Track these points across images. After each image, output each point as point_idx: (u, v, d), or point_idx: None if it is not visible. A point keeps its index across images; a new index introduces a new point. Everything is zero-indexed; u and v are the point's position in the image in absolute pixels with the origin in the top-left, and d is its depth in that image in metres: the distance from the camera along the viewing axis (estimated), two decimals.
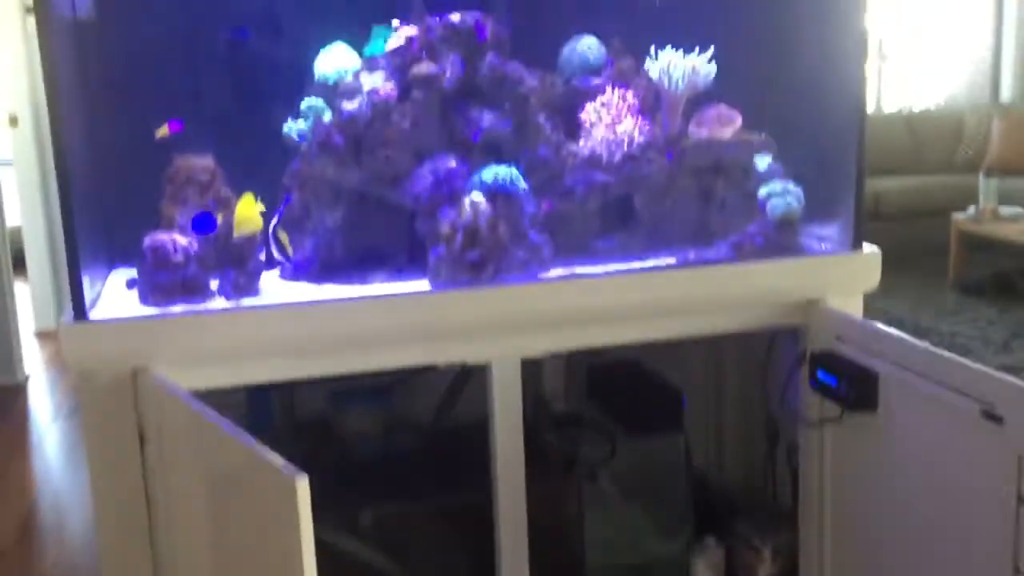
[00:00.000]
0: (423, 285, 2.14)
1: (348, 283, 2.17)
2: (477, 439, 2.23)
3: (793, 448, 2.43)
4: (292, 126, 2.26)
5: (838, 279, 2.29)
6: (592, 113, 2.32)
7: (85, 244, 1.96)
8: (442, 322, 2.10)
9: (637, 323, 2.22)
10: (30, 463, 3.79)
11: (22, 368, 4.61)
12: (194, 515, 1.75)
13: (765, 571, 2.50)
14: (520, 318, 2.14)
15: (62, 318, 1.92)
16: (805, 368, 2.28)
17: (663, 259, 2.28)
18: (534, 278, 2.17)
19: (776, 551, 2.49)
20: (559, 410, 2.78)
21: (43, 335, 5.29)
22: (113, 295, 2.11)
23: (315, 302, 2.05)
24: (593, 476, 2.50)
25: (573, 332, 2.19)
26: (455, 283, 2.11)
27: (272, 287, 2.16)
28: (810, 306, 2.28)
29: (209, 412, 1.61)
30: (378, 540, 2.52)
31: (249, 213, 2.06)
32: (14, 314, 4.59)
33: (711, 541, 2.55)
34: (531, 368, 2.27)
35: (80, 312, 1.90)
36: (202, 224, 2.09)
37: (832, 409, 2.20)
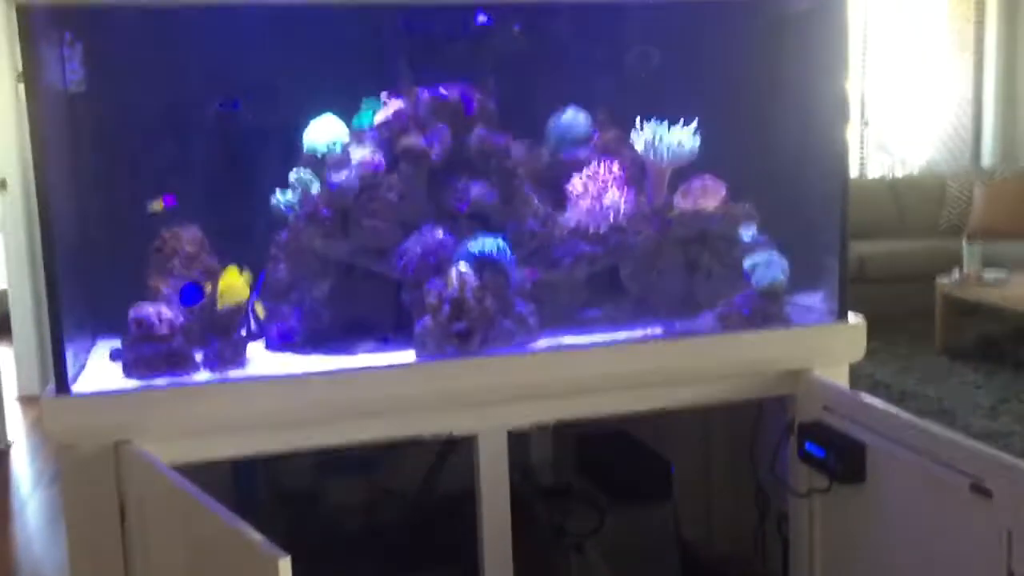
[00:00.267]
0: (409, 356, 2.14)
1: (334, 354, 2.16)
2: (464, 511, 2.20)
3: (783, 518, 2.41)
4: (280, 197, 2.27)
5: (824, 349, 2.30)
6: (578, 184, 2.34)
7: (70, 315, 1.96)
8: (428, 393, 2.09)
9: (624, 394, 2.21)
10: (10, 531, 3.72)
11: (4, 435, 4.55)
12: None
13: None
14: (507, 389, 2.13)
15: (45, 391, 1.91)
16: (793, 439, 2.27)
17: (650, 329, 2.28)
18: (521, 349, 2.17)
19: None
20: (547, 481, 2.76)
21: (26, 400, 5.24)
22: (97, 366, 2.10)
23: (301, 374, 2.05)
24: (581, 547, 2.47)
25: (560, 403, 2.18)
26: (442, 354, 2.10)
27: (258, 358, 2.15)
28: (797, 376, 2.28)
29: (191, 488, 1.59)
30: None
31: (233, 283, 2.06)
32: None
33: None
34: (518, 439, 2.26)
35: (63, 385, 1.89)
36: (189, 295, 2.09)
37: (821, 480, 2.18)
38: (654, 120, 2.38)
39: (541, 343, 2.20)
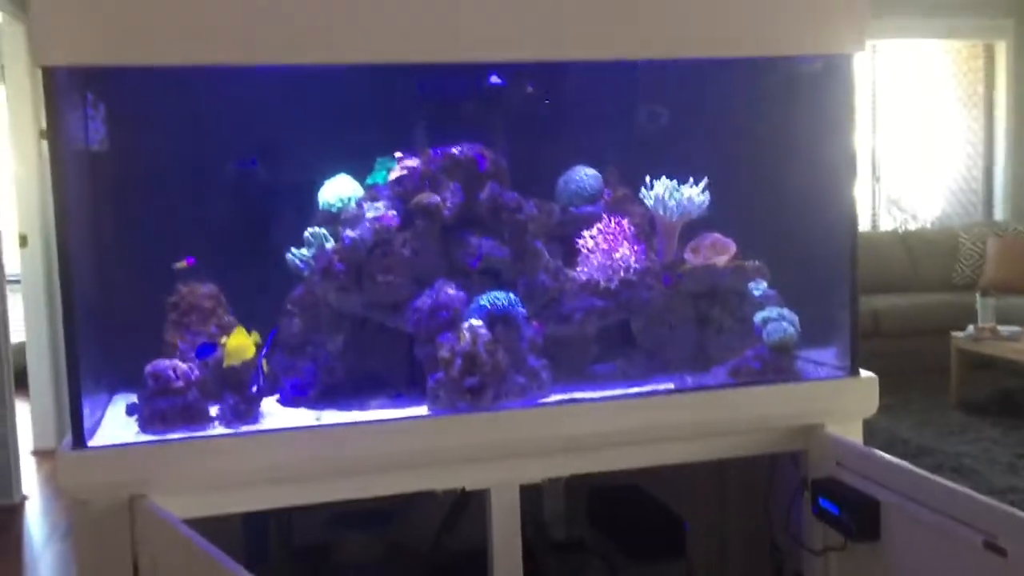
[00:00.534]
0: (422, 411, 2.15)
1: (347, 409, 2.18)
2: (476, 565, 2.20)
3: None
4: (295, 253, 2.31)
5: (837, 405, 2.30)
6: (589, 240, 2.37)
7: (88, 369, 1.98)
8: (441, 448, 2.10)
9: (636, 448, 2.21)
10: None
11: (19, 488, 4.56)
12: None
13: None
14: (519, 443, 2.14)
15: (61, 444, 1.93)
16: (807, 495, 2.26)
17: (661, 384, 2.29)
18: (533, 403, 2.18)
19: None
20: (559, 536, 2.74)
21: (41, 453, 5.25)
22: (114, 421, 2.12)
23: (314, 427, 2.06)
24: None
25: (572, 457, 2.19)
26: (454, 408, 2.12)
27: (272, 413, 2.17)
28: (810, 431, 2.28)
29: (205, 544, 1.60)
30: None
31: (240, 344, 2.08)
32: (14, 434, 4.57)
33: None
34: (530, 493, 2.25)
35: (79, 439, 1.91)
36: (203, 349, 2.13)
37: (836, 537, 2.17)
38: (664, 177, 2.41)
39: (553, 397, 2.21)
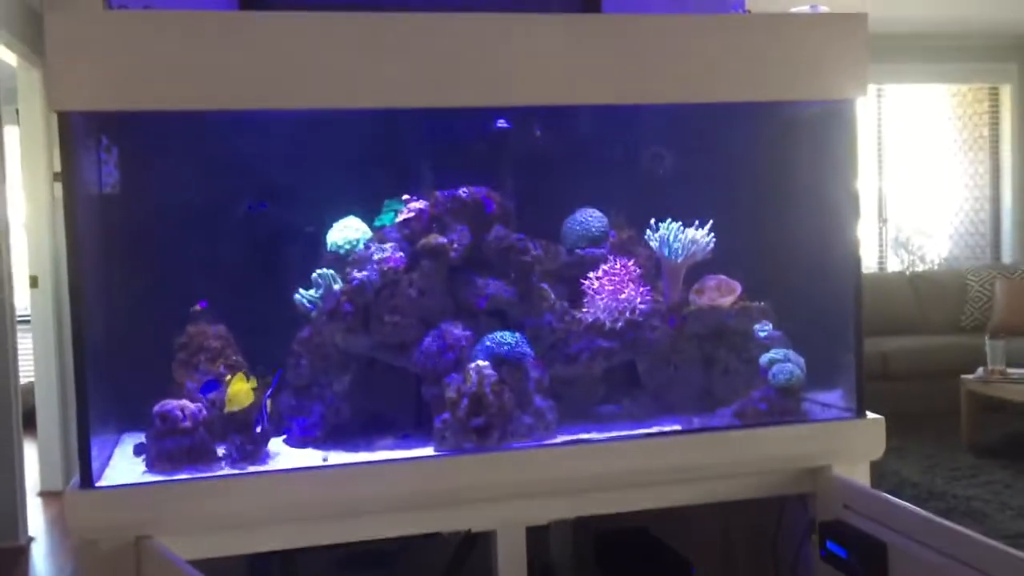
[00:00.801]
0: (428, 451, 2.15)
1: (354, 449, 2.18)
2: None
3: None
4: (303, 294, 2.33)
5: (844, 447, 2.29)
6: (595, 281, 2.38)
7: (97, 410, 2.00)
8: (447, 488, 2.10)
9: (643, 490, 2.21)
10: None
11: (26, 530, 4.55)
12: None
13: None
14: (525, 484, 2.14)
15: (70, 485, 1.93)
16: (815, 538, 2.25)
17: (667, 425, 2.29)
18: (539, 444, 2.18)
19: None
20: None
21: (47, 495, 5.25)
22: (122, 461, 2.13)
23: (320, 468, 2.06)
24: None
25: (578, 499, 2.18)
26: (460, 449, 2.12)
27: (279, 453, 2.17)
28: (817, 473, 2.27)
29: None
30: None
31: (240, 390, 2.10)
32: (21, 475, 4.57)
33: None
34: (537, 535, 2.25)
35: (87, 480, 1.91)
36: (207, 386, 2.15)
37: None
38: (669, 219, 2.43)
39: (559, 438, 2.21)
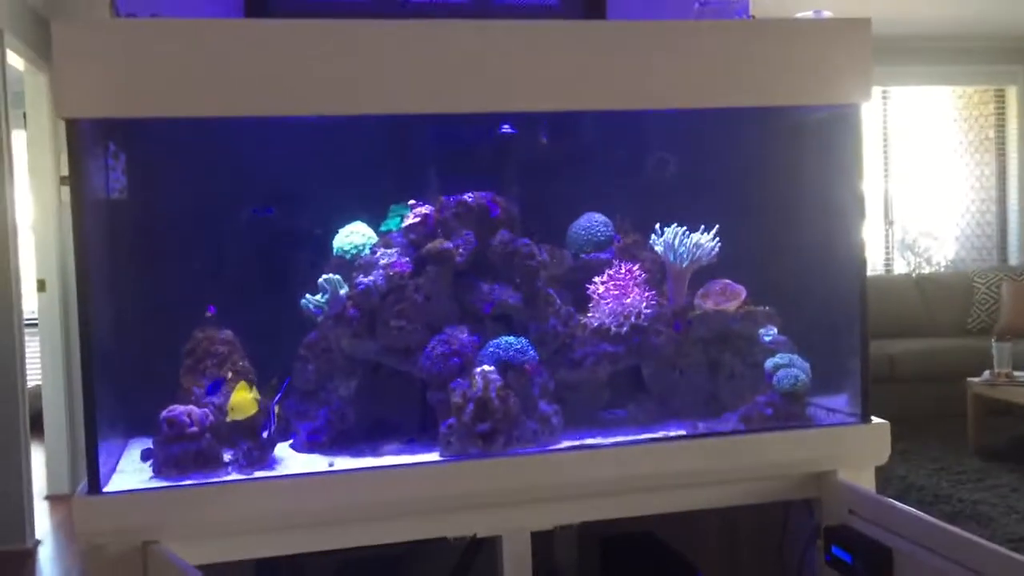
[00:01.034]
0: (434, 456, 2.16)
1: (360, 454, 2.19)
2: None
3: None
4: (310, 299, 2.34)
5: (849, 452, 2.29)
6: (600, 286, 2.39)
7: (105, 415, 2.01)
8: (453, 494, 2.10)
9: (648, 495, 2.21)
10: None
11: (32, 533, 4.57)
12: None
13: None
14: (531, 490, 2.14)
15: (77, 490, 1.94)
16: (820, 543, 2.25)
17: (672, 430, 2.30)
18: (544, 449, 2.18)
19: None
20: None
21: (54, 498, 5.26)
22: (129, 466, 2.14)
23: (327, 473, 2.07)
24: None
25: (584, 504, 2.19)
26: (466, 454, 2.13)
27: (285, 458, 2.18)
28: (822, 479, 2.27)
29: None
30: None
31: (243, 399, 2.10)
32: (28, 480, 4.58)
33: None
34: (542, 540, 2.25)
35: (95, 485, 1.92)
36: (214, 388, 2.16)
37: None
38: (674, 223, 2.44)
39: (564, 443, 2.21)
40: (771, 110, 2.40)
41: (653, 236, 2.46)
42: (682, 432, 2.29)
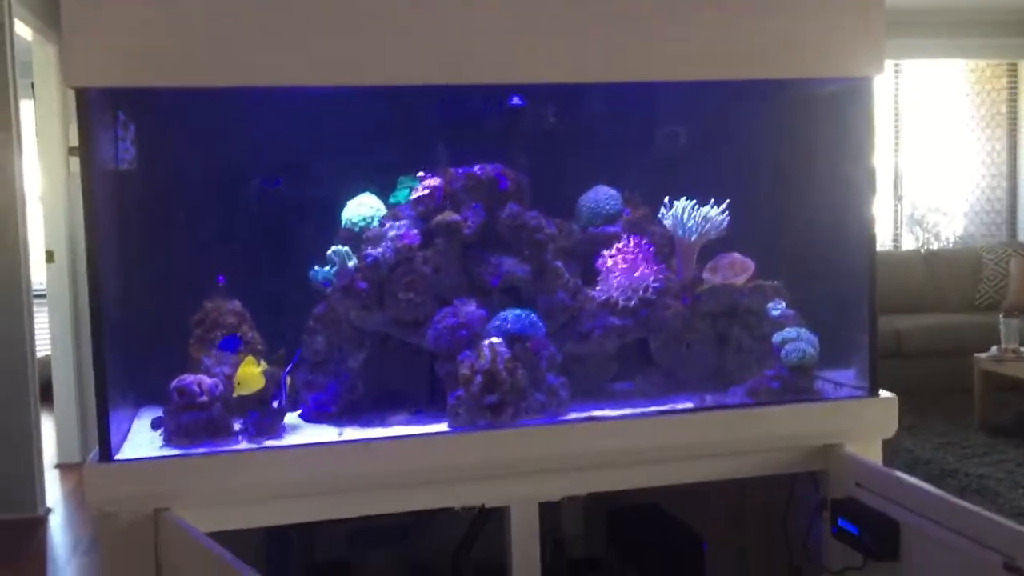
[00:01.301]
0: (442, 427, 2.17)
1: (369, 425, 2.20)
2: None
3: None
4: (318, 271, 2.34)
5: (856, 425, 2.30)
6: (608, 259, 2.38)
7: (115, 384, 2.02)
8: (460, 464, 2.11)
9: (655, 466, 2.22)
10: None
11: (43, 501, 4.61)
12: None
13: None
14: (538, 461, 2.15)
15: (89, 458, 1.96)
16: (826, 515, 2.26)
17: (679, 403, 2.30)
18: (552, 421, 2.19)
19: None
20: (578, 554, 2.75)
21: (64, 467, 5.31)
22: (140, 435, 2.15)
23: (335, 443, 2.08)
24: None
25: (591, 475, 2.20)
26: (474, 426, 2.13)
27: (294, 428, 2.19)
28: (829, 451, 2.28)
29: (228, 556, 1.62)
30: None
31: (250, 374, 2.11)
32: (39, 448, 4.62)
33: None
34: (549, 511, 2.27)
35: (106, 453, 1.94)
36: (228, 343, 2.17)
37: (855, 557, 2.16)
38: (683, 197, 2.43)
39: (572, 415, 2.22)
40: (782, 83, 2.38)
41: (662, 209, 2.46)
42: (689, 405, 2.29)
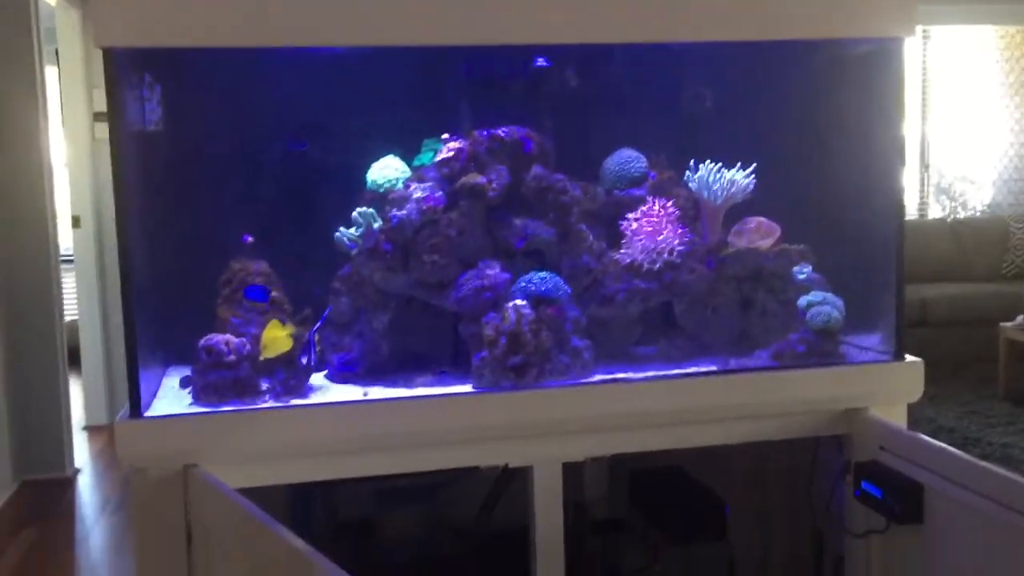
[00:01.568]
0: (466, 388, 2.18)
1: (393, 385, 2.22)
2: (518, 542, 2.23)
3: (839, 559, 2.39)
4: (344, 232, 2.35)
5: (881, 389, 2.29)
6: (633, 222, 2.38)
7: (144, 344, 2.04)
8: (485, 424, 2.13)
9: (678, 429, 2.23)
10: (75, 558, 3.82)
11: (72, 462, 4.69)
12: None
13: None
14: (562, 422, 2.16)
15: (119, 415, 1.99)
16: (850, 478, 2.26)
17: (703, 367, 2.30)
18: (576, 382, 2.20)
19: None
20: (600, 516, 2.77)
21: (92, 429, 5.39)
22: (168, 393, 2.18)
23: (361, 402, 2.10)
24: None
25: (614, 437, 2.21)
26: (498, 387, 2.15)
27: (320, 388, 2.22)
28: (853, 415, 2.28)
29: (257, 511, 1.65)
30: None
31: (276, 336, 2.12)
32: (68, 409, 4.70)
33: None
34: (572, 472, 2.28)
35: (136, 410, 1.97)
36: (254, 292, 2.19)
37: (878, 520, 2.17)
38: (709, 160, 2.42)
39: (596, 377, 2.23)
40: (811, 44, 2.36)
41: (688, 173, 2.44)
42: (713, 368, 2.30)
